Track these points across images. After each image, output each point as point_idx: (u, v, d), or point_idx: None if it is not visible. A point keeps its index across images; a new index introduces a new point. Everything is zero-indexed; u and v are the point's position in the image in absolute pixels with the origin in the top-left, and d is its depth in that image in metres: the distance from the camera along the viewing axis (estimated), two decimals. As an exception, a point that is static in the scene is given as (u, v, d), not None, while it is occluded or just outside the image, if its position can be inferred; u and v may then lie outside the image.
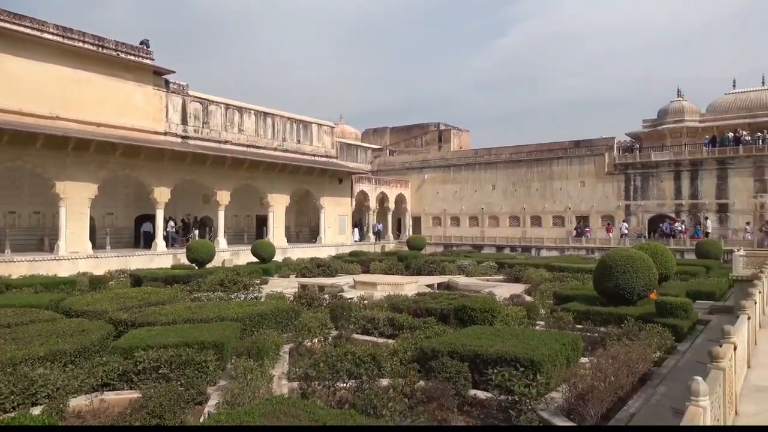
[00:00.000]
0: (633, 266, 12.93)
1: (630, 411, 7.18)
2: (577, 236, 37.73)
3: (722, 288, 17.26)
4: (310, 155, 39.12)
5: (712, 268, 22.56)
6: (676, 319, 11.44)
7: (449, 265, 25.72)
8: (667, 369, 9.07)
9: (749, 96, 39.04)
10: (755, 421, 3.82)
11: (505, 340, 8.92)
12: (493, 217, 43.18)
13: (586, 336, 10.87)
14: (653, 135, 40.33)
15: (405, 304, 13.77)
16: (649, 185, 37.11)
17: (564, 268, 22.66)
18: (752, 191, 33.70)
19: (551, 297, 15.86)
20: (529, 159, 42.01)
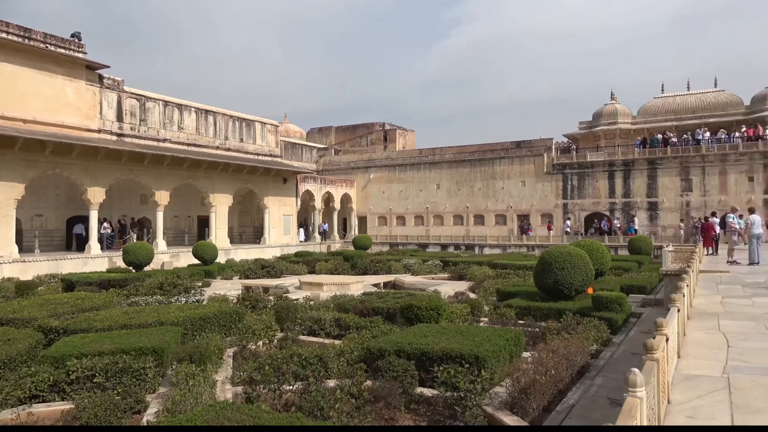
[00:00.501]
0: (571, 263, 13.39)
1: (570, 402, 7.43)
2: (521, 234, 38.80)
3: (653, 282, 18.17)
4: (254, 154, 38.39)
5: (644, 263, 23.73)
6: (611, 312, 11.93)
7: (395, 264, 25.86)
8: (603, 361, 9.45)
9: (676, 100, 41.34)
10: (686, 408, 4.02)
11: (450, 337, 9.03)
12: (438, 216, 43.79)
13: (527, 331, 11.16)
14: (589, 136, 42.03)
15: (351, 304, 13.72)
16: (585, 184, 38.64)
17: (506, 265, 23.23)
18: (679, 190, 35.70)
19: (494, 294, 16.20)
20: (472, 159, 42.86)
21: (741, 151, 34.31)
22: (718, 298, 9.43)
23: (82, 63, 28.06)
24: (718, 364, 5.16)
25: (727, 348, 5.79)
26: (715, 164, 34.83)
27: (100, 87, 29.20)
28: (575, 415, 6.83)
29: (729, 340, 6.17)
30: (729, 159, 34.54)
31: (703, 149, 35.35)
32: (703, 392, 4.36)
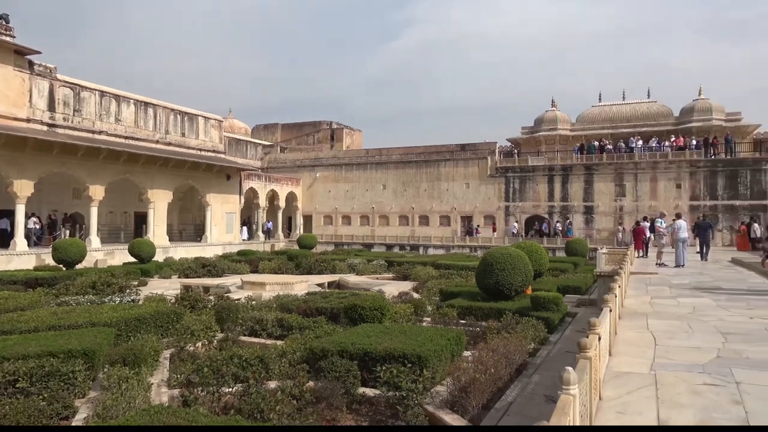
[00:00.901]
0: (511, 264, 13.76)
1: (508, 400, 7.62)
2: (468, 235, 39.46)
3: (588, 283, 18.93)
4: (196, 149, 37.30)
5: (579, 265, 24.68)
6: (548, 312, 12.33)
7: (340, 263, 25.78)
8: (540, 359, 9.75)
9: (612, 109, 43.23)
10: (616, 404, 4.19)
11: (393, 337, 9.08)
12: (384, 217, 43.98)
13: (469, 330, 11.38)
14: (530, 141, 43.31)
15: (295, 304, 13.57)
16: (526, 188, 39.80)
17: (450, 265, 23.62)
18: (614, 195, 37.37)
19: (437, 294, 16.43)
20: (418, 160, 43.31)
21: (670, 159, 36.29)
22: (647, 298, 9.92)
23: (10, 47, 26.41)
24: (647, 361, 5.42)
25: (654, 346, 6.09)
26: (647, 171, 36.67)
27: (30, 74, 27.58)
28: (513, 412, 7.00)
29: (656, 338, 6.50)
30: (659, 167, 36.45)
31: (636, 157, 37.15)
32: (632, 388, 4.57)
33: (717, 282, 12.47)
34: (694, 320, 7.62)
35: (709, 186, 35.35)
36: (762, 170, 34.39)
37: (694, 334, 6.76)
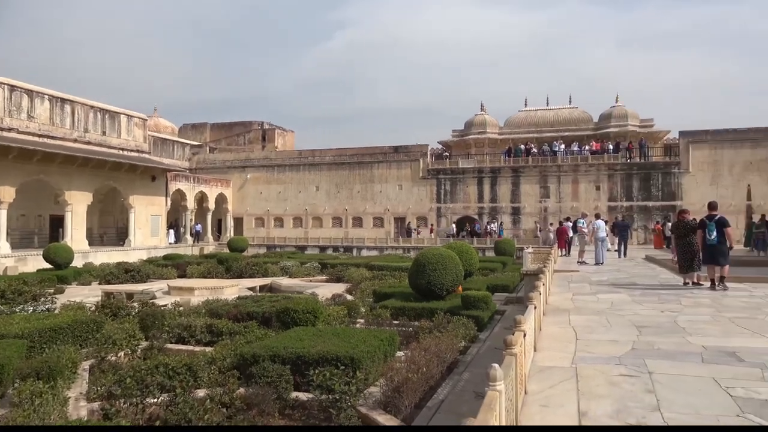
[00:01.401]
0: (443, 264, 14.04)
1: (440, 398, 7.77)
2: (408, 235, 39.75)
3: (515, 281, 19.61)
4: (118, 149, 35.54)
5: (507, 264, 25.54)
6: (478, 310, 12.68)
7: (272, 266, 25.36)
8: (470, 356, 10.01)
9: (537, 114, 45.10)
10: (540, 398, 4.36)
11: (326, 340, 9.03)
12: (317, 218, 43.69)
13: (402, 331, 11.49)
14: (461, 144, 44.41)
15: (225, 308, 13.21)
16: (457, 189, 40.77)
17: (383, 267, 23.78)
18: (538, 196, 38.97)
19: (371, 295, 16.50)
20: (351, 162, 43.36)
21: (590, 162, 38.30)
22: (570, 295, 10.40)
23: None
24: (568, 355, 5.69)
25: (576, 341, 6.40)
26: (569, 174, 38.51)
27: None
28: (444, 410, 7.14)
29: (578, 333, 6.83)
30: (580, 169, 38.38)
31: (559, 160, 38.95)
32: (555, 382, 4.77)
33: (632, 278, 13.26)
34: (611, 315, 8.06)
35: (626, 188, 37.59)
36: (672, 173, 36.96)
37: (611, 328, 7.15)
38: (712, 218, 10.83)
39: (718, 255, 10.67)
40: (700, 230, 11.00)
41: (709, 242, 10.70)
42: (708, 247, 10.74)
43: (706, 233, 10.72)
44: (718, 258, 10.68)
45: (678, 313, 8.14)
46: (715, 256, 10.69)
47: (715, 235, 10.64)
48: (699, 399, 4.22)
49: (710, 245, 10.69)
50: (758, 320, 7.46)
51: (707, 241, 10.73)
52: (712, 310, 8.32)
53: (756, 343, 6.14)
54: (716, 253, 10.67)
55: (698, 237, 11.04)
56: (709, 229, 10.71)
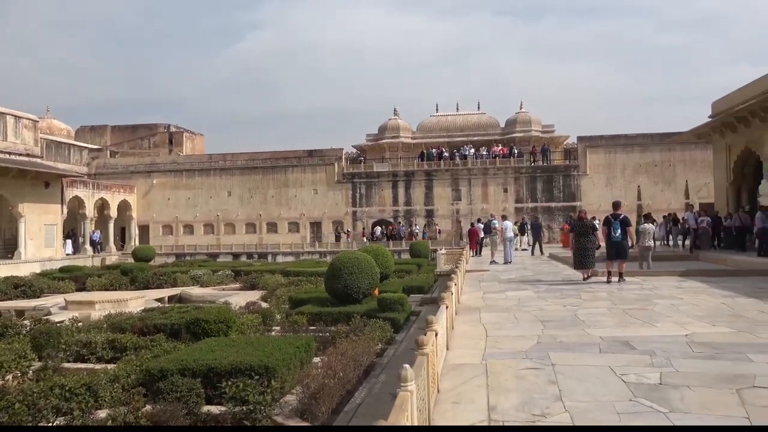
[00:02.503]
0: (359, 267, 14.09)
1: (357, 402, 7.77)
2: (336, 241, 39.27)
3: (430, 282, 20.06)
4: (5, 153, 32.53)
5: (423, 266, 26.06)
6: (394, 312, 12.84)
7: (182, 276, 24.30)
8: (387, 358, 10.10)
9: (448, 119, 46.49)
10: (452, 395, 4.47)
11: (240, 349, 8.76)
12: (230, 224, 42.38)
13: (318, 336, 11.39)
14: (375, 148, 44.85)
15: (129, 322, 12.48)
16: (372, 193, 41.11)
17: (299, 272, 23.49)
18: (450, 199, 40.17)
19: (287, 302, 16.23)
20: (265, 166, 42.50)
21: (498, 166, 40.03)
22: (480, 294, 10.79)
23: None
24: (479, 352, 5.88)
25: (485, 337, 6.64)
26: (479, 177, 40.02)
27: None
28: (361, 413, 7.15)
29: (488, 330, 7.09)
30: (489, 173, 40.00)
31: (469, 164, 40.39)
32: (466, 378, 4.92)
33: (538, 276, 13.99)
34: (519, 311, 8.45)
35: (531, 190, 39.63)
36: (571, 176, 39.43)
37: (519, 324, 7.49)
38: (617, 217, 11.52)
39: (621, 251, 11.45)
40: (604, 227, 11.73)
41: (614, 239, 11.37)
42: (613, 243, 11.41)
43: (611, 230, 11.42)
44: (621, 253, 11.46)
45: (578, 307, 8.67)
46: (619, 252, 11.45)
47: (619, 232, 11.34)
48: (597, 387, 4.51)
49: (615, 242, 11.37)
50: (648, 311, 8.10)
51: (612, 238, 11.38)
52: (609, 303, 8.94)
53: (646, 332, 6.66)
54: (620, 249, 11.42)
55: (602, 233, 11.78)
56: (614, 227, 11.36)
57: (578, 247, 12.18)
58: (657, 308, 8.27)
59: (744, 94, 20.33)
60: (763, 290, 9.77)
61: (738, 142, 20.95)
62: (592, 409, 4.00)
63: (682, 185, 37.88)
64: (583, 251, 12.04)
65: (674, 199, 36.95)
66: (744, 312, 7.72)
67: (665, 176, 38.49)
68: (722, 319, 7.28)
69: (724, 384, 4.42)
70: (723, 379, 4.55)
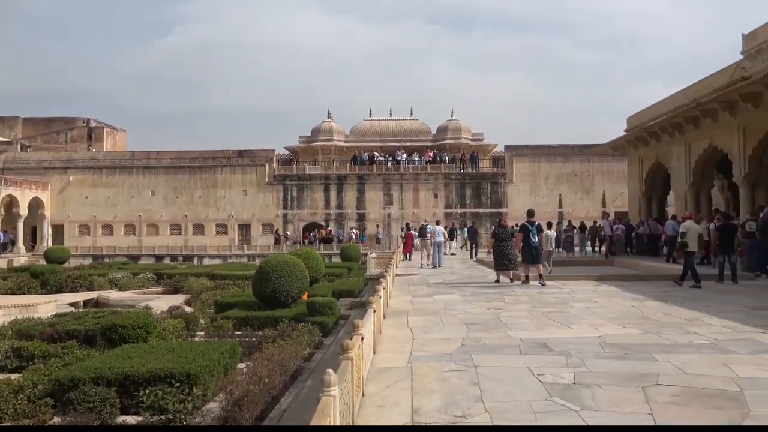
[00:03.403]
0: (288, 271, 13.92)
1: (283, 407, 7.65)
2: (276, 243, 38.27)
3: (360, 286, 20.11)
4: None
5: (353, 269, 26.09)
6: (323, 316, 12.78)
7: (99, 279, 23.07)
8: (315, 363, 10.02)
9: (381, 124, 46.87)
10: (377, 399, 4.50)
11: (160, 356, 8.42)
12: (153, 225, 40.63)
13: (245, 341, 11.15)
14: (308, 150, 44.49)
15: (38, 328, 11.69)
16: (304, 196, 40.74)
17: (226, 276, 22.91)
18: (382, 203, 40.50)
19: (212, 306, 15.80)
20: (192, 165, 41.14)
21: (429, 172, 40.81)
22: (409, 297, 10.91)
23: None
24: (405, 355, 5.95)
25: (412, 341, 6.72)
26: (410, 182, 40.61)
27: None
28: (287, 419, 7.05)
29: (414, 333, 7.18)
30: (420, 178, 40.69)
31: (401, 169, 40.92)
32: (392, 382, 4.95)
33: (465, 279, 14.33)
34: (445, 314, 8.61)
35: (460, 196, 40.67)
36: (499, 183, 40.83)
37: (445, 327, 7.64)
38: (533, 224, 12.20)
39: (539, 255, 12.17)
40: (521, 233, 12.31)
41: (532, 244, 11.97)
42: (531, 248, 12.00)
43: (530, 236, 12.00)
44: (538, 258, 12.16)
45: (501, 310, 8.96)
46: (537, 256, 12.12)
47: (537, 238, 12.00)
48: (516, 387, 4.68)
49: (534, 246, 11.99)
50: (565, 313, 8.49)
51: (531, 243, 11.96)
52: (529, 306, 9.30)
53: (563, 333, 6.98)
54: (537, 254, 12.12)
55: (519, 239, 12.34)
56: (532, 233, 11.98)
57: (499, 252, 12.74)
58: (573, 311, 8.69)
59: (655, 111, 21.86)
60: (669, 294, 10.49)
61: (649, 156, 22.46)
62: (511, 409, 4.14)
63: (600, 194, 40.13)
64: (504, 255, 12.64)
65: (592, 208, 39.05)
66: (651, 314, 8.25)
67: (584, 185, 40.62)
68: (632, 321, 7.74)
69: (632, 382, 4.70)
70: (631, 378, 4.84)
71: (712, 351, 5.75)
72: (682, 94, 20.16)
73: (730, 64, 18.37)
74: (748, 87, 15.30)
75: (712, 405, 4.09)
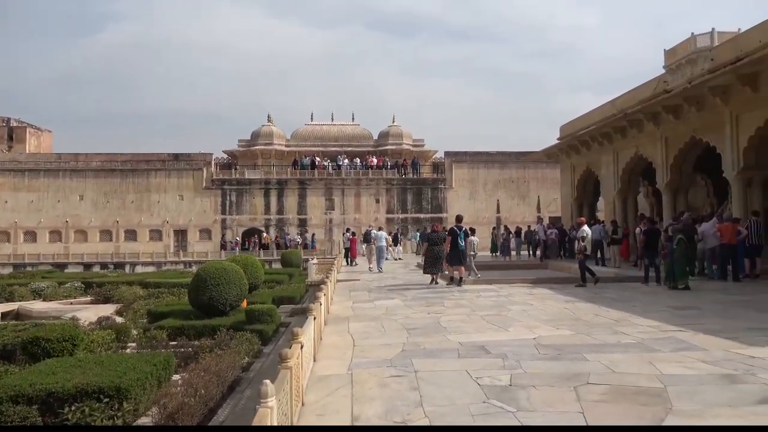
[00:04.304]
0: (226, 278, 13.55)
1: (220, 419, 7.42)
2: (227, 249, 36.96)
3: (301, 292, 19.84)
4: None
5: (294, 275, 25.73)
6: (263, 324, 12.50)
7: (20, 288, 21.68)
8: (254, 372, 9.78)
9: (323, 128, 46.66)
10: (317, 407, 4.44)
11: (87, 370, 7.97)
12: (81, 232, 38.64)
13: (180, 352, 10.75)
14: (248, 154, 43.67)
15: (-52, 343, 10.80)
16: (243, 201, 39.90)
17: (160, 283, 22.07)
18: (324, 208, 40.28)
19: (145, 315, 15.16)
20: (124, 169, 39.48)
21: (371, 177, 40.95)
22: (351, 303, 10.87)
23: None
24: (345, 362, 5.91)
25: (353, 347, 6.69)
26: (352, 187, 40.61)
27: None
28: (224, 432, 6.84)
29: (355, 339, 7.15)
30: (362, 183, 40.76)
31: (343, 174, 40.86)
32: (332, 390, 4.91)
33: (406, 284, 14.44)
34: (386, 320, 8.64)
35: (401, 201, 41.04)
36: (439, 188, 41.50)
37: (386, 332, 7.66)
38: (460, 229, 13.14)
39: (464, 258, 13.31)
40: (449, 237, 13.20)
41: (460, 247, 12.95)
42: (458, 251, 12.95)
43: (458, 240, 12.92)
44: (463, 260, 13.29)
45: (441, 314, 9.08)
46: (462, 259, 13.21)
47: (463, 242, 13.00)
48: (454, 390, 4.74)
49: (461, 250, 12.99)
50: (503, 316, 8.71)
51: (459, 246, 12.90)
52: (468, 310, 9.47)
53: (500, 336, 7.15)
54: (463, 257, 13.22)
55: (447, 243, 13.18)
56: (460, 237, 12.92)
57: (431, 255, 13.61)
58: (510, 314, 8.93)
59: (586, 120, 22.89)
60: (598, 295, 10.97)
61: (581, 163, 23.47)
62: (449, 413, 4.19)
63: (535, 200, 41.59)
64: (435, 258, 13.48)
65: (528, 213, 40.40)
66: (583, 315, 8.59)
67: (521, 191, 41.95)
68: (565, 322, 8.04)
69: (564, 382, 4.87)
70: (564, 378, 5.01)
71: (638, 350, 6.04)
72: (611, 104, 21.22)
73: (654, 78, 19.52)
74: (669, 99, 16.29)
75: (638, 402, 4.29)
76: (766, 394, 4.37)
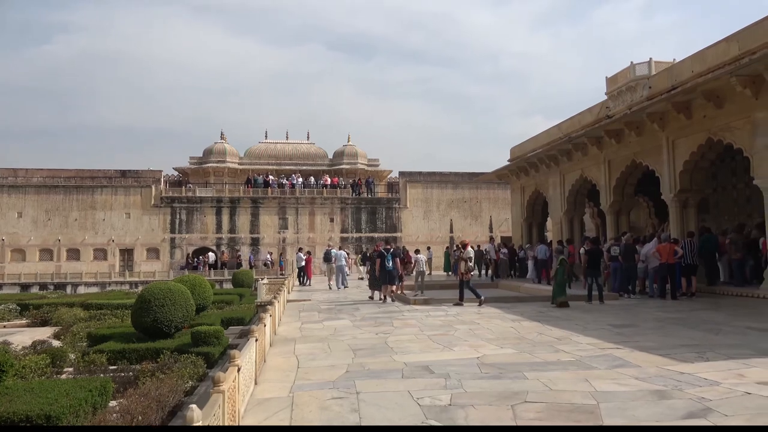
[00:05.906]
0: (171, 299, 13.14)
1: (158, 447, 7.13)
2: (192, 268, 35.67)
3: (251, 313, 19.41)
4: None
5: (245, 296, 25.20)
6: (209, 347, 12.15)
7: (-52, 311, 20.35)
8: (197, 396, 9.47)
9: (277, 147, 46.35)
10: (255, 432, 4.33)
11: (16, 398, 7.54)
12: (19, 250, 36.81)
13: (119, 377, 10.33)
14: (199, 172, 42.85)
15: None
16: (193, 219, 39.00)
17: (103, 305, 21.19)
18: (277, 227, 39.80)
19: (85, 338, 14.50)
20: (67, 185, 37.99)
21: (325, 196, 40.81)
22: (299, 324, 10.74)
23: None
24: (288, 385, 5.81)
25: (297, 369, 6.59)
26: (306, 206, 40.34)
27: None
28: (161, 459, 6.58)
29: (300, 361, 7.06)
30: (316, 202, 40.55)
31: (297, 192, 40.57)
32: (270, 413, 4.81)
33: (356, 305, 14.40)
34: (333, 341, 8.57)
35: (356, 220, 41.02)
36: (393, 208, 41.72)
37: (331, 353, 7.59)
38: (388, 251, 14.68)
39: (392, 277, 14.71)
40: (378, 259, 14.55)
41: (387, 268, 14.45)
42: (387, 271, 14.46)
43: (385, 261, 14.42)
44: (392, 279, 14.74)
45: (389, 334, 9.08)
46: (391, 279, 14.68)
47: (391, 263, 14.46)
48: (394, 412, 4.73)
49: (388, 270, 14.48)
50: (449, 336, 8.79)
51: (386, 267, 14.43)
52: (416, 330, 9.51)
53: (445, 356, 7.20)
54: (392, 277, 14.67)
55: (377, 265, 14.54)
56: (387, 259, 14.46)
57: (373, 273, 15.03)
58: (457, 333, 9.01)
59: (534, 143, 23.62)
60: (543, 314, 11.22)
61: (530, 184, 24.15)
62: (388, 435, 4.18)
63: (488, 220, 42.38)
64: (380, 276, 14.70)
65: (481, 232, 41.09)
66: (527, 334, 8.76)
67: (474, 211, 42.68)
68: (509, 341, 8.17)
69: (503, 401, 4.94)
70: (503, 396, 5.09)
71: (576, 367, 6.20)
72: (557, 128, 22.00)
73: (597, 103, 20.39)
74: (611, 125, 17.03)
75: (571, 419, 4.40)
76: (691, 409, 4.55)
